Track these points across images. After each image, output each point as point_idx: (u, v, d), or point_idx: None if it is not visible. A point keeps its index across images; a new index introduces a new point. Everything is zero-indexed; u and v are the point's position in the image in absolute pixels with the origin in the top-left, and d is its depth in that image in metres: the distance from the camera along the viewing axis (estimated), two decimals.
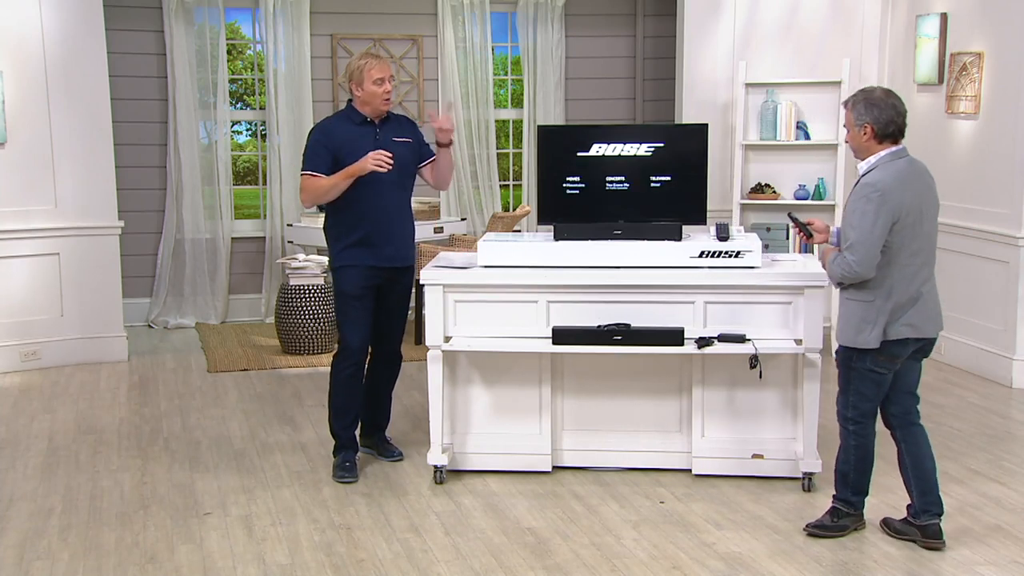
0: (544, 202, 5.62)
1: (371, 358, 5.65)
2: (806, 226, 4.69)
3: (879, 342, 4.42)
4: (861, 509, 4.70)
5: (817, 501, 5.05)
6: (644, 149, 5.53)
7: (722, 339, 5.12)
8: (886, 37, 8.29)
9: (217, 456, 5.82)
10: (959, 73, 7.42)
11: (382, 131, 5.43)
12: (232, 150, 9.37)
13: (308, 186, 5.36)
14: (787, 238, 7.83)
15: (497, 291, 5.28)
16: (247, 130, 10.25)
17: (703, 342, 5.10)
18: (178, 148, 8.95)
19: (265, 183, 9.35)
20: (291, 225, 8.83)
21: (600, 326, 5.17)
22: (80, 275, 7.79)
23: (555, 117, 9.58)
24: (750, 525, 4.83)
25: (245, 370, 7.64)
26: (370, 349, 5.61)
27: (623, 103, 9.85)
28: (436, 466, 5.37)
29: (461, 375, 5.49)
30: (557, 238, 5.46)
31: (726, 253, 5.24)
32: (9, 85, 7.45)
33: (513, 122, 9.98)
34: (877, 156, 4.43)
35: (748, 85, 7.97)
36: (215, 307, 9.18)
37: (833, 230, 4.69)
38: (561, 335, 5.17)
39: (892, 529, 4.67)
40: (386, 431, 5.82)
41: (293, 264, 8.06)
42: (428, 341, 5.27)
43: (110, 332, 7.91)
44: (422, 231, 8.21)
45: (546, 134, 5.78)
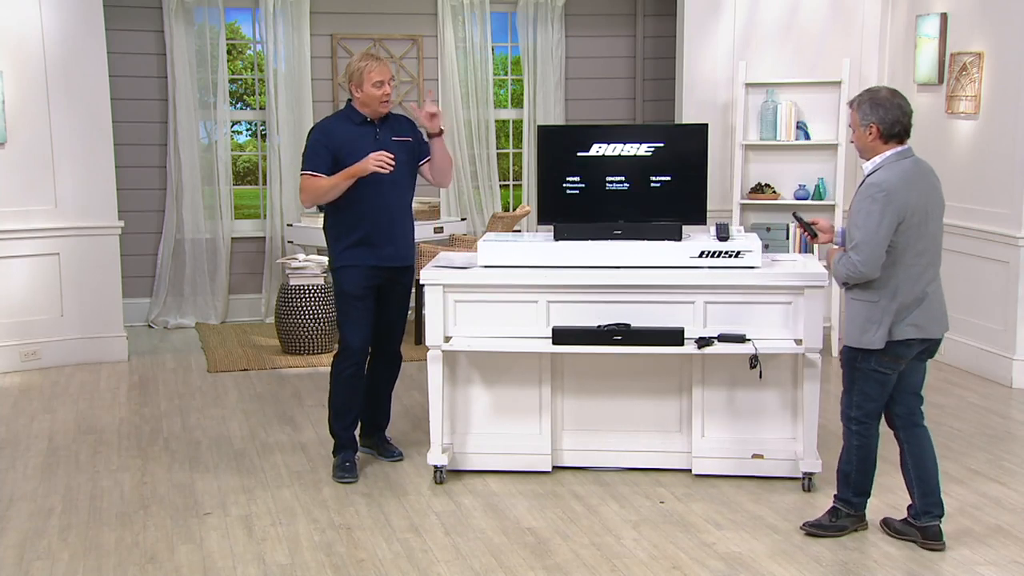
0: (544, 202, 5.62)
1: (371, 358, 5.65)
2: (811, 226, 4.69)
3: (884, 342, 4.41)
4: (862, 510, 4.69)
5: (817, 501, 5.05)
6: (644, 149, 5.52)
7: (722, 339, 5.12)
8: (886, 37, 8.29)
9: (217, 456, 5.82)
10: (959, 73, 7.42)
11: (382, 131, 5.43)
12: (232, 150, 9.37)
13: (308, 186, 5.36)
14: (787, 238, 7.83)
15: (497, 291, 5.28)
16: (247, 130, 10.25)
17: (703, 342, 5.10)
18: (178, 148, 8.95)
19: (265, 183, 9.35)
20: (291, 225, 8.83)
21: (600, 326, 5.17)
22: (80, 275, 7.79)
23: (555, 117, 9.58)
24: (750, 525, 4.83)
25: (245, 370, 7.64)
26: (370, 349, 5.61)
27: (623, 103, 9.85)
28: (436, 466, 5.37)
29: (461, 375, 5.49)
30: (557, 238, 5.45)
31: (726, 253, 5.23)
32: (9, 85, 7.45)
33: (513, 122, 9.98)
34: (882, 156, 4.42)
35: (748, 85, 7.97)
36: (215, 307, 9.18)
37: (838, 230, 4.68)
38: (561, 335, 5.17)
39: (892, 529, 4.67)
40: (386, 431, 5.82)
41: (293, 264, 8.06)
42: (428, 341, 5.27)
43: (110, 332, 7.91)
44: (422, 231, 8.21)
45: (546, 134, 5.78)
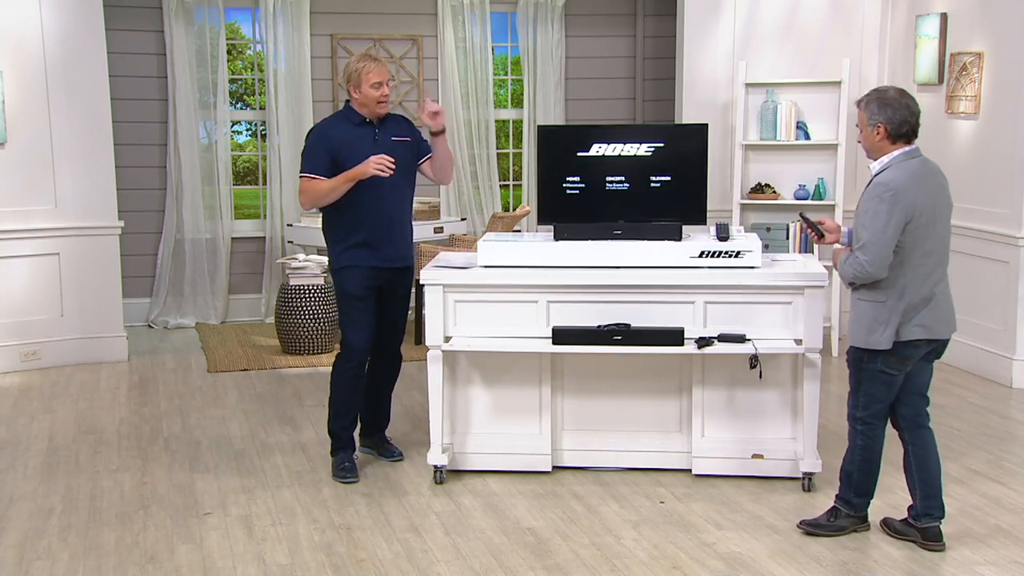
0: (544, 202, 5.62)
1: (371, 359, 5.64)
2: (817, 226, 4.67)
3: (891, 343, 4.39)
4: (863, 511, 4.68)
5: (817, 501, 5.05)
6: (644, 149, 5.52)
7: (722, 339, 5.12)
8: (886, 37, 8.29)
9: (217, 456, 5.82)
10: (959, 73, 7.42)
11: (381, 131, 5.43)
12: (232, 150, 9.37)
13: (308, 189, 5.36)
14: (787, 238, 7.83)
15: (497, 291, 5.28)
16: (247, 130, 10.25)
17: (703, 342, 5.09)
18: (178, 148, 8.96)
19: (265, 183, 9.35)
20: (291, 225, 8.83)
21: (600, 326, 5.17)
22: (80, 275, 7.79)
23: (555, 117, 9.58)
24: (750, 525, 4.82)
25: (245, 370, 7.64)
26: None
27: (623, 103, 9.85)
28: (436, 466, 5.37)
29: (461, 375, 5.48)
30: (557, 238, 5.45)
31: (726, 253, 5.23)
32: (9, 85, 7.45)
33: (513, 122, 9.97)
34: (890, 156, 4.40)
35: (748, 85, 7.97)
36: (215, 307, 9.18)
37: (844, 230, 4.67)
38: (561, 335, 5.17)
39: (892, 529, 4.66)
40: (386, 431, 5.82)
41: (293, 264, 8.06)
42: (428, 341, 5.27)
43: (110, 332, 7.91)
44: (422, 231, 8.22)
45: (546, 134, 5.78)
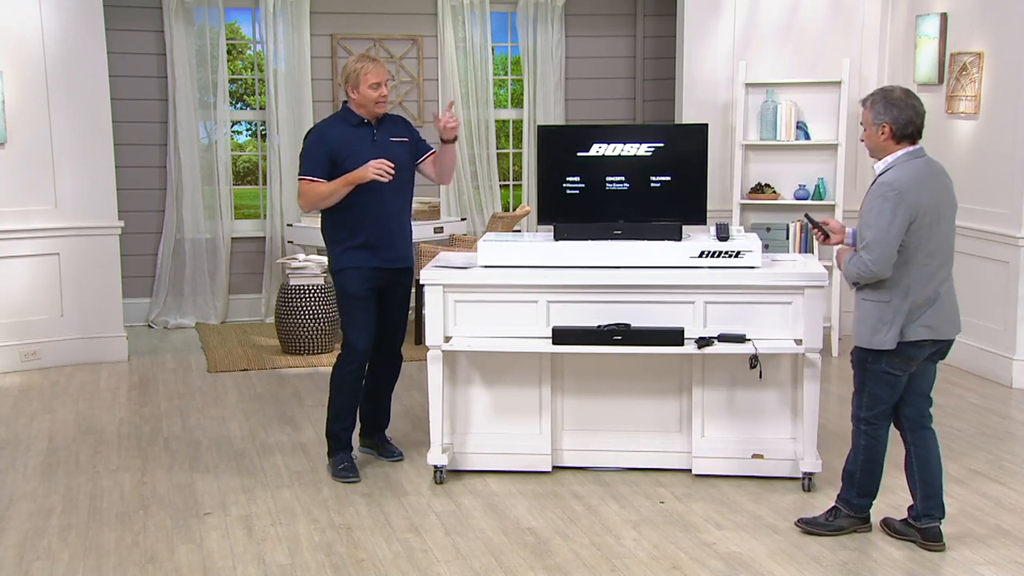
0: (544, 202, 5.62)
1: (372, 360, 5.63)
2: (822, 226, 4.67)
3: (895, 343, 4.38)
4: (864, 513, 4.67)
5: (817, 501, 5.04)
6: (644, 149, 5.52)
7: (722, 339, 5.12)
8: (886, 37, 8.29)
9: (217, 456, 5.82)
10: (959, 73, 7.42)
11: (379, 132, 5.43)
12: (232, 150, 9.37)
13: (307, 191, 5.36)
14: (787, 238, 7.83)
15: (497, 291, 5.28)
16: (247, 130, 10.25)
17: (703, 342, 5.09)
18: (178, 148, 8.96)
19: (265, 183, 9.35)
20: (291, 225, 8.83)
21: (600, 326, 5.16)
22: (80, 275, 7.78)
23: (555, 117, 9.58)
24: (750, 525, 4.82)
25: (245, 370, 7.64)
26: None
27: (623, 103, 9.85)
28: (436, 466, 5.37)
29: (461, 375, 5.48)
30: (557, 238, 5.45)
31: (726, 253, 5.23)
32: (9, 85, 7.45)
33: (513, 122, 9.97)
34: (894, 156, 4.40)
35: (748, 85, 7.97)
36: (215, 307, 9.18)
37: (849, 231, 4.66)
38: (561, 335, 5.17)
39: (892, 529, 4.66)
40: (386, 431, 5.82)
41: (293, 264, 8.06)
42: (428, 341, 5.27)
43: (110, 332, 7.91)
44: (422, 231, 8.22)
45: (546, 134, 5.78)
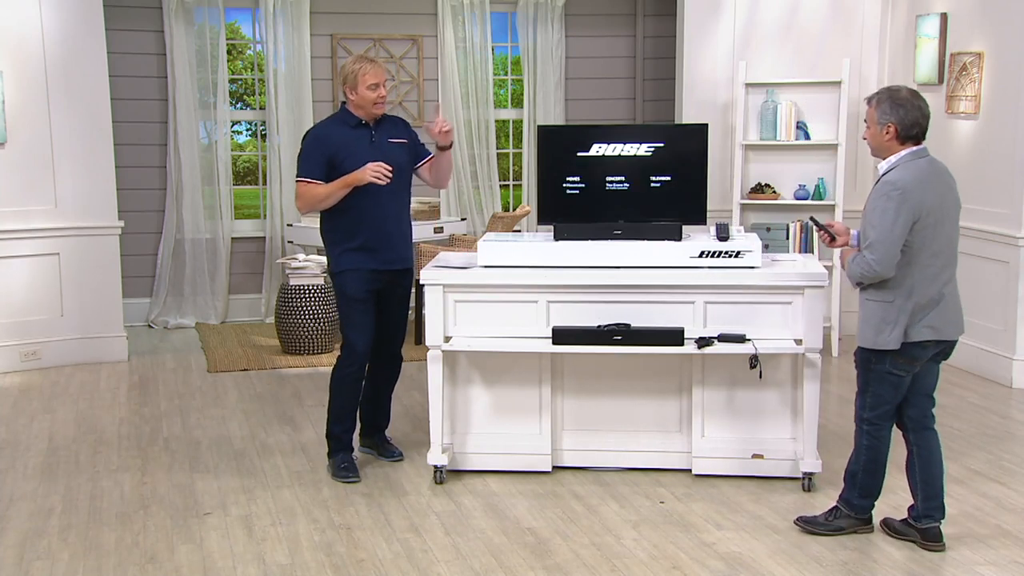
0: (544, 202, 5.62)
1: (371, 361, 5.63)
2: (828, 228, 4.66)
3: (899, 343, 4.37)
4: (866, 514, 4.66)
5: (817, 501, 5.05)
6: (644, 149, 5.52)
7: (722, 339, 5.12)
8: (886, 37, 8.29)
9: (217, 456, 5.82)
10: (959, 73, 7.42)
11: (377, 133, 5.43)
12: (232, 150, 9.37)
13: (304, 193, 5.36)
14: (787, 238, 7.84)
15: (497, 291, 5.28)
16: (247, 130, 10.25)
17: (703, 342, 5.09)
18: (178, 148, 8.96)
19: (265, 183, 9.35)
20: (291, 225, 8.83)
21: (600, 326, 5.16)
22: (80, 275, 7.78)
23: (555, 117, 9.58)
24: (750, 525, 4.82)
25: (245, 370, 7.64)
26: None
27: (623, 103, 9.85)
28: (436, 466, 5.37)
29: (461, 375, 5.48)
30: (557, 238, 5.45)
31: (726, 253, 5.23)
32: (9, 85, 7.45)
33: (513, 122, 9.97)
34: (898, 156, 4.39)
35: (748, 85, 7.97)
36: (215, 307, 9.18)
37: (853, 232, 4.65)
38: (561, 335, 5.17)
39: (892, 529, 4.66)
40: (386, 431, 5.82)
41: (293, 264, 8.06)
42: (428, 341, 5.27)
43: (110, 332, 7.91)
44: (422, 231, 8.22)
45: (546, 134, 5.78)
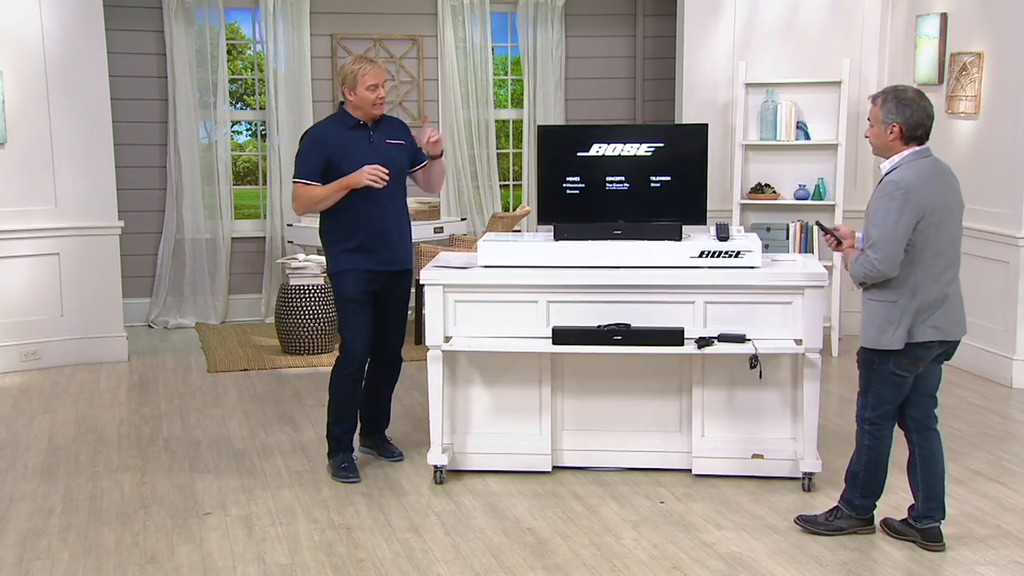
0: (544, 202, 5.62)
1: (371, 361, 5.64)
2: (834, 232, 4.65)
3: (903, 343, 4.36)
4: (867, 514, 4.66)
5: (817, 501, 5.05)
6: (644, 149, 5.52)
7: (722, 339, 5.12)
8: (886, 37, 8.29)
9: (217, 456, 5.82)
10: (959, 73, 7.42)
11: (375, 134, 5.42)
12: (232, 150, 9.37)
13: (301, 195, 5.36)
14: (787, 238, 7.84)
15: (497, 291, 5.28)
16: (247, 130, 10.25)
17: (703, 342, 5.09)
18: (178, 148, 8.96)
19: (265, 183, 9.36)
20: (291, 225, 8.83)
21: (600, 326, 5.16)
22: (80, 275, 7.78)
23: (555, 117, 9.58)
24: (750, 525, 4.82)
25: (245, 370, 7.64)
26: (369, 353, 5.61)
27: (623, 103, 9.85)
28: (436, 466, 5.37)
29: (461, 375, 5.48)
30: (557, 238, 5.45)
31: (726, 253, 5.23)
32: (9, 85, 7.45)
33: (513, 122, 9.97)
34: (901, 155, 4.38)
35: (748, 85, 7.97)
36: (215, 307, 9.18)
37: (859, 235, 4.64)
38: (561, 335, 5.17)
39: (892, 530, 4.66)
40: (386, 431, 5.82)
41: (293, 264, 8.06)
42: (428, 341, 5.27)
43: (110, 332, 7.91)
44: (422, 231, 8.22)
45: (546, 134, 5.78)
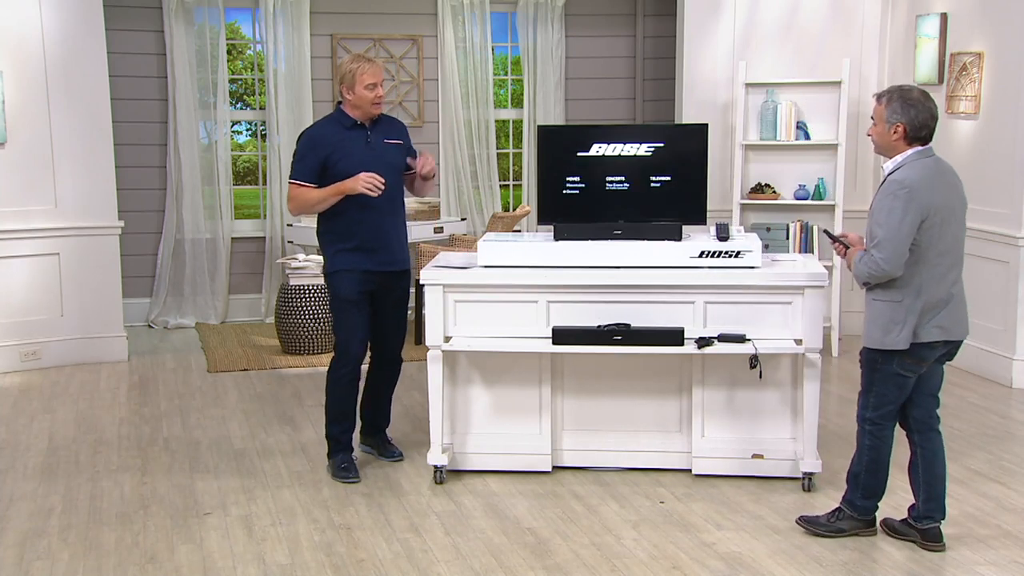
0: (544, 202, 5.62)
1: (371, 362, 5.64)
2: (842, 239, 4.64)
3: (908, 343, 4.35)
4: (870, 515, 4.65)
5: (817, 501, 5.05)
6: (644, 149, 5.52)
7: (722, 339, 5.12)
8: (886, 37, 8.29)
9: (217, 456, 5.82)
10: (959, 73, 7.42)
11: (373, 133, 5.41)
12: (232, 150, 9.38)
13: (297, 196, 5.35)
14: (787, 238, 7.84)
15: (497, 291, 5.28)
16: (247, 130, 10.25)
17: (703, 342, 5.09)
18: (178, 148, 8.96)
19: (265, 183, 9.36)
20: (291, 225, 8.83)
21: (600, 326, 5.16)
22: (80, 275, 7.78)
23: (555, 117, 9.58)
24: (750, 525, 4.82)
25: (245, 370, 7.64)
26: (370, 353, 5.60)
27: (623, 103, 9.85)
28: (436, 466, 5.37)
29: (461, 375, 5.48)
30: (557, 238, 5.45)
31: (726, 253, 5.23)
32: (9, 85, 7.45)
33: (513, 122, 9.97)
34: (904, 155, 4.38)
35: (748, 85, 7.97)
36: (215, 307, 9.18)
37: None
38: (561, 335, 5.17)
39: (892, 530, 4.66)
40: (386, 431, 5.82)
41: (293, 264, 8.06)
42: (428, 341, 5.27)
43: (110, 332, 7.91)
44: (422, 231, 8.23)
45: (546, 134, 5.77)
